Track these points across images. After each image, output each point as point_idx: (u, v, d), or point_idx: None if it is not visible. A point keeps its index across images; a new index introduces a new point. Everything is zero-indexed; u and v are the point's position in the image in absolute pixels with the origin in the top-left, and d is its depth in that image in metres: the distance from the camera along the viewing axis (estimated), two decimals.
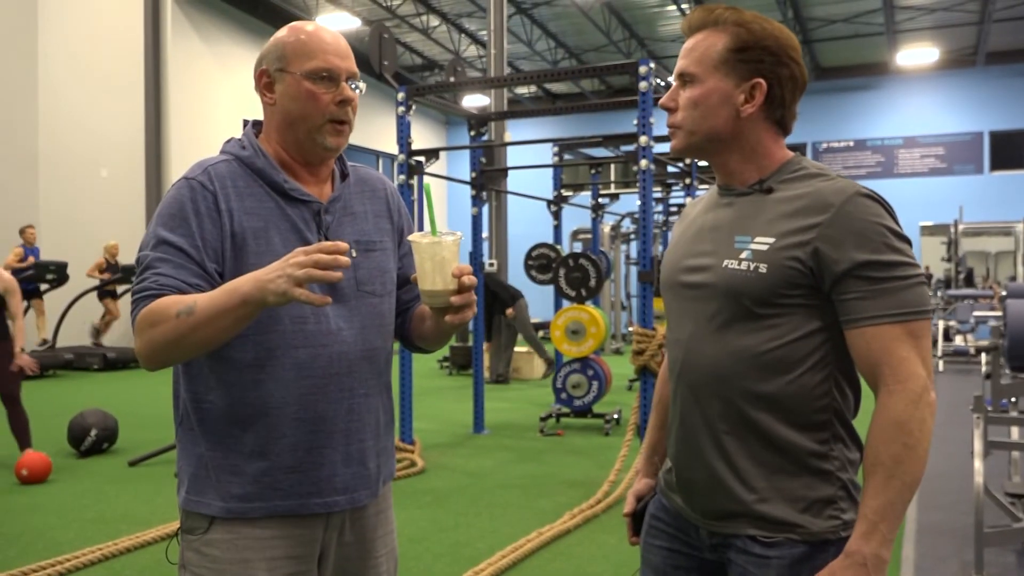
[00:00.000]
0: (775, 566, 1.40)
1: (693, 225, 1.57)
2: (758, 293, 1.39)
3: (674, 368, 1.53)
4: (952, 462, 5.97)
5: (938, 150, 17.81)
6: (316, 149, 1.58)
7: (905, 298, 1.34)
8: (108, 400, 8.30)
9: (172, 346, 1.42)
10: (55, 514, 4.86)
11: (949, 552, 4.13)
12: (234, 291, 1.38)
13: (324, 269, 1.33)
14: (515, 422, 7.96)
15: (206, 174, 1.54)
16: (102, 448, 6.42)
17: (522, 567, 3.99)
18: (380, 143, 18.49)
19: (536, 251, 9.91)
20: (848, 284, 1.35)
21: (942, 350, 12.38)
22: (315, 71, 1.54)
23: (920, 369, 1.33)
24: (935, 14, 15.23)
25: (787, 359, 1.40)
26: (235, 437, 1.52)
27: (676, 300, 1.54)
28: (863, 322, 1.35)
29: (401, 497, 5.19)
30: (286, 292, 1.33)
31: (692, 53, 1.47)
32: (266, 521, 1.53)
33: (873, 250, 1.34)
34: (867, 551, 1.31)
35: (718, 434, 1.45)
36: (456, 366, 11.79)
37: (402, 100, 6.69)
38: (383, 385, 1.66)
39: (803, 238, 1.37)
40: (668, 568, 1.59)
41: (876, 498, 1.32)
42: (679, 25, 12.97)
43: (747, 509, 1.43)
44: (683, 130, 1.49)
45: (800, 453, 1.41)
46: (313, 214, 1.57)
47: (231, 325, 1.40)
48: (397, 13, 15.64)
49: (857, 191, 1.39)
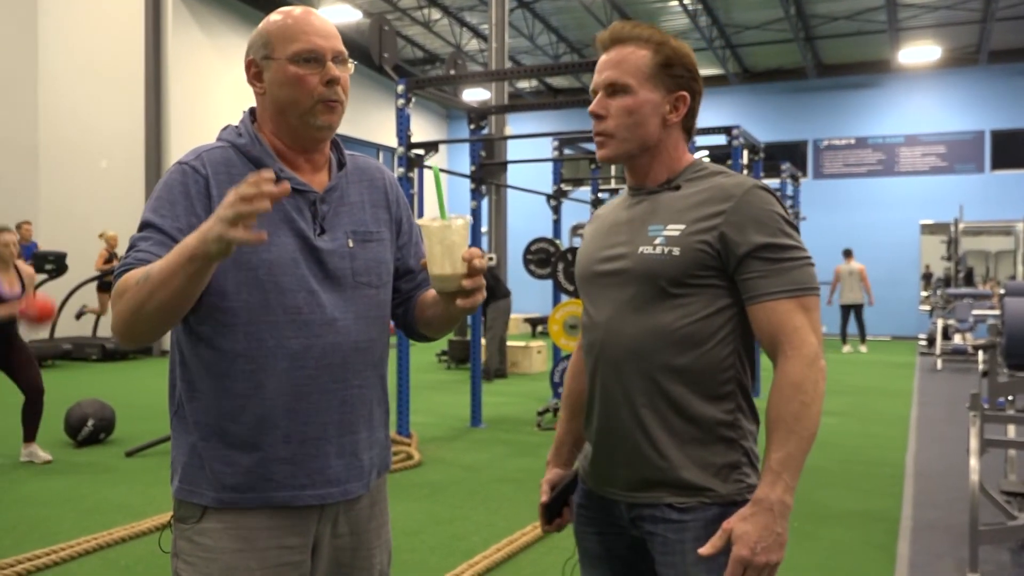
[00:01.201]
0: (691, 528, 1.54)
1: (605, 222, 1.72)
2: (672, 274, 1.55)
3: (592, 350, 1.65)
4: (948, 460, 5.98)
5: (939, 148, 17.77)
6: (310, 131, 1.56)
7: (798, 277, 1.52)
8: (106, 391, 8.29)
9: (135, 315, 1.39)
10: (51, 504, 4.86)
11: (944, 549, 4.14)
12: (182, 248, 1.34)
13: (250, 201, 1.26)
14: (512, 416, 7.96)
15: (200, 159, 1.54)
16: (99, 438, 6.43)
17: (517, 560, 3.99)
18: (380, 136, 18.45)
19: (535, 245, 9.91)
20: (749, 264, 1.52)
21: (941, 348, 12.39)
22: (298, 53, 1.52)
23: (812, 338, 1.50)
24: (937, 12, 15.19)
25: (698, 334, 1.55)
26: (228, 427, 1.52)
27: (594, 288, 1.67)
28: (763, 298, 1.52)
29: (397, 490, 5.19)
30: (221, 235, 1.27)
31: (622, 65, 1.60)
32: (259, 511, 1.52)
33: (770, 234, 1.52)
34: (773, 497, 1.45)
35: (637, 408, 1.58)
36: (454, 360, 11.80)
37: (402, 92, 6.68)
38: (378, 377, 1.65)
39: (710, 224, 1.54)
40: (602, 551, 1.71)
41: (779, 451, 1.46)
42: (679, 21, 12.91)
43: (664, 477, 1.56)
44: (616, 138, 1.62)
45: (710, 423, 1.56)
46: (308, 204, 1.56)
47: (184, 284, 1.35)
48: (398, 6, 15.61)
49: (754, 184, 1.56)
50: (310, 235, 1.54)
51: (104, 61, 13.53)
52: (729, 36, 16.98)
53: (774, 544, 1.44)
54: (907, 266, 17.78)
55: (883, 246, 17.54)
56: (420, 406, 7.93)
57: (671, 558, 1.56)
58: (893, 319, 17.66)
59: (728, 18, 16.07)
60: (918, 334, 16.66)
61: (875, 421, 7.76)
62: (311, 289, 1.52)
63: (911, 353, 14.29)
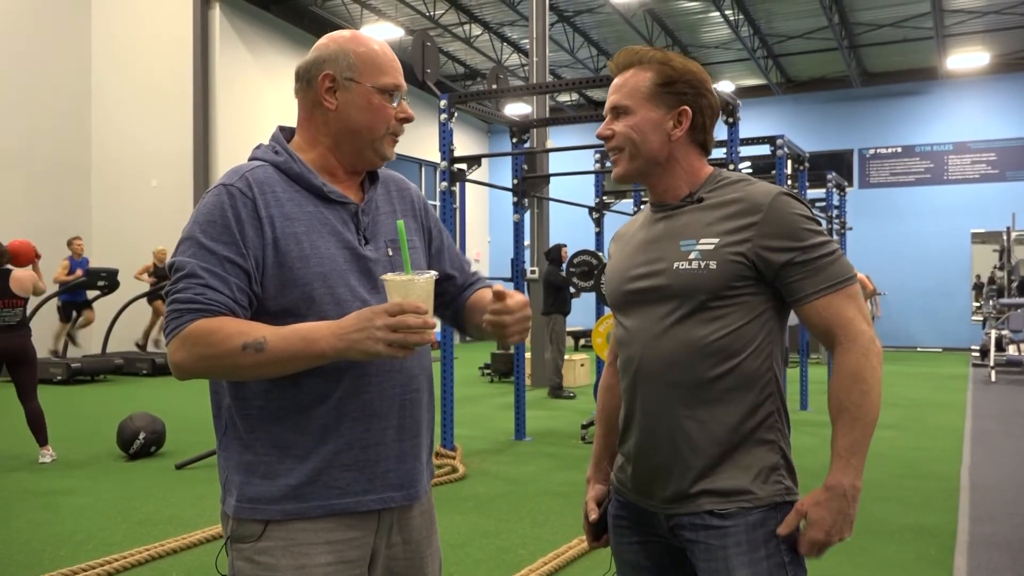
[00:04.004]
0: (733, 534, 1.57)
1: (631, 242, 1.76)
2: (712, 287, 1.58)
3: (630, 366, 1.68)
4: (1005, 473, 5.83)
5: (990, 156, 17.41)
6: (374, 158, 1.61)
7: (837, 270, 1.57)
8: (156, 404, 8.44)
9: (227, 372, 1.45)
10: (105, 515, 4.95)
11: (1003, 564, 4.03)
12: (311, 341, 1.40)
13: (416, 332, 1.36)
14: (557, 429, 7.93)
15: (244, 180, 1.53)
16: (150, 451, 6.54)
17: (563, 574, 3.97)
18: (422, 151, 18.61)
19: (578, 258, 9.88)
20: (789, 271, 1.57)
21: (994, 360, 12.10)
22: (387, 87, 1.58)
23: (864, 326, 1.56)
24: (986, 17, 14.92)
25: (735, 344, 1.59)
26: (290, 440, 1.52)
27: (627, 307, 1.71)
28: (810, 298, 1.57)
29: (443, 503, 5.20)
30: (378, 353, 1.37)
31: (623, 89, 1.67)
32: (322, 522, 1.52)
33: (802, 239, 1.57)
34: (846, 483, 1.53)
35: (679, 419, 1.61)
36: (498, 373, 11.80)
37: (444, 107, 6.73)
38: (428, 381, 1.68)
39: (743, 236, 1.58)
40: (641, 559, 1.75)
41: (845, 438, 1.54)
42: (720, 32, 12.90)
43: (705, 485, 1.60)
44: (624, 153, 1.67)
45: (750, 429, 1.60)
46: (351, 215, 1.59)
47: (298, 368, 1.44)
48: (440, 23, 15.75)
49: (779, 192, 1.61)
50: (357, 245, 1.57)
51: (154, 83, 13.86)
52: (771, 46, 16.84)
53: (846, 525, 1.56)
54: (958, 276, 17.41)
55: (933, 256, 17.21)
56: (464, 419, 7.95)
57: (714, 564, 1.58)
58: (944, 330, 17.31)
59: (770, 28, 15.95)
60: (970, 345, 16.28)
61: (928, 434, 7.59)
62: (363, 299, 1.54)
63: (963, 365, 13.97)
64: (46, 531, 4.63)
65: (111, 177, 13.81)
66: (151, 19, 13.94)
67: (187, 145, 13.92)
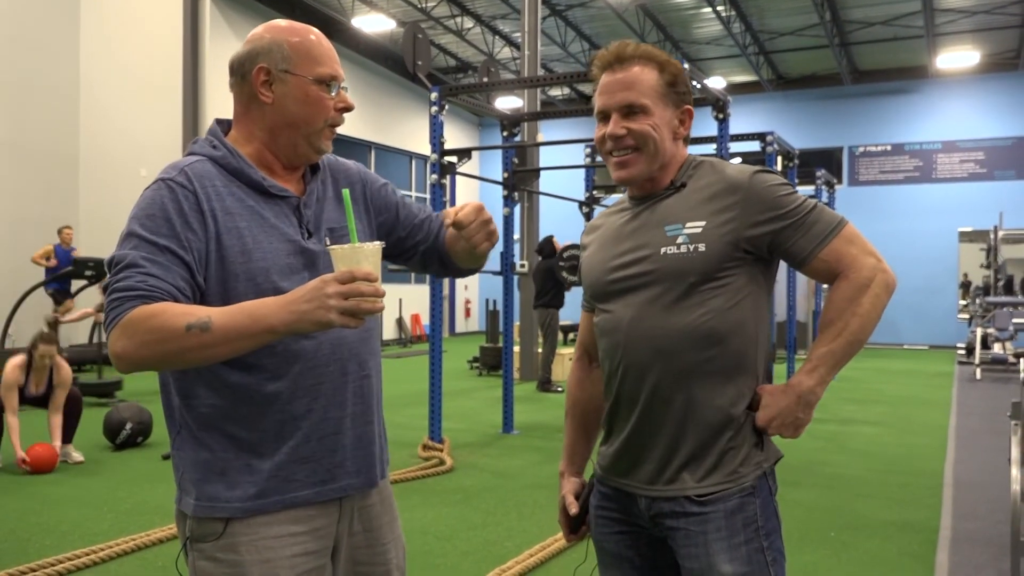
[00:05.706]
0: (713, 519, 1.59)
1: (608, 232, 1.75)
2: (702, 269, 1.59)
3: (615, 353, 1.68)
4: (988, 470, 5.88)
5: (978, 155, 17.48)
6: (309, 152, 1.58)
7: (826, 221, 1.61)
8: (143, 395, 8.41)
9: (174, 358, 1.38)
10: (91, 505, 4.94)
11: (984, 561, 4.06)
12: (258, 317, 1.35)
13: (368, 300, 1.34)
14: (545, 423, 7.95)
15: (183, 174, 1.50)
16: (137, 441, 6.52)
17: (549, 566, 3.98)
18: (412, 144, 18.58)
19: (567, 252, 9.90)
20: (783, 237, 1.60)
21: (980, 358, 12.18)
22: (323, 77, 1.55)
23: (868, 259, 1.59)
24: (976, 17, 14.98)
25: (722, 328, 1.60)
26: (246, 436, 1.51)
27: (610, 297, 1.70)
28: (812, 253, 1.59)
29: (430, 495, 5.21)
30: (331, 322, 1.33)
31: (637, 86, 1.64)
32: (284, 515, 1.52)
33: (784, 205, 1.60)
34: (806, 385, 1.57)
35: (665, 403, 1.62)
36: (486, 366, 11.81)
37: (435, 100, 6.72)
38: (377, 364, 1.68)
39: (727, 216, 1.60)
40: (622, 549, 1.75)
41: (823, 346, 1.58)
42: (712, 28, 12.86)
43: (690, 466, 1.61)
44: (643, 153, 1.65)
45: (731, 413, 1.61)
46: (292, 209, 1.57)
47: (247, 348, 1.39)
48: (431, 15, 15.71)
49: (755, 170, 1.64)
50: (299, 239, 1.56)
51: (143, 72, 13.77)
52: (763, 42, 16.86)
53: (791, 424, 1.59)
54: (945, 274, 17.50)
55: (920, 254, 17.29)
56: (452, 412, 7.96)
57: (694, 550, 1.60)
58: (931, 328, 17.40)
59: (762, 24, 15.97)
60: (956, 343, 16.39)
61: (913, 431, 7.65)
62: None
63: (949, 362, 14.06)
64: (31, 521, 4.62)
65: (100, 167, 13.72)
66: (141, 7, 13.85)
67: (176, 135, 13.84)
